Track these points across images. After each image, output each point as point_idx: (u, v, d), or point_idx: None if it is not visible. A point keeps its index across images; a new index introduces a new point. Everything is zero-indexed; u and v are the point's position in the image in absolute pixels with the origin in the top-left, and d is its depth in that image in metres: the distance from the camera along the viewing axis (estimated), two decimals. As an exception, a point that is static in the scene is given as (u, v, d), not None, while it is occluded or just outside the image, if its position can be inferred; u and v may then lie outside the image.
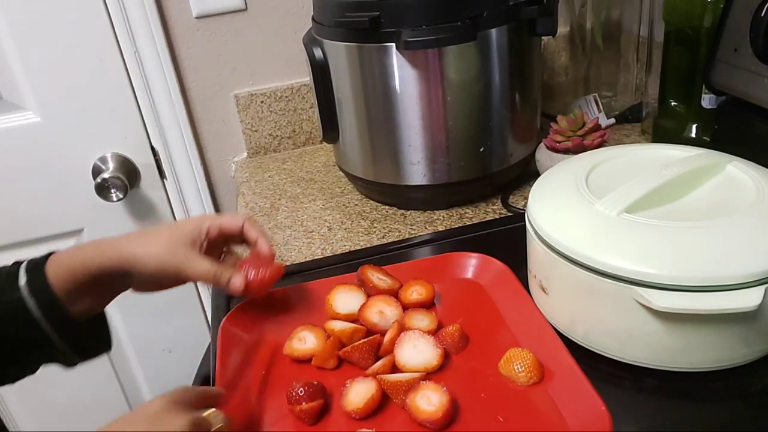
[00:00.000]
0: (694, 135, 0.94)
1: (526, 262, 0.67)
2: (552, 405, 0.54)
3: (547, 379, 0.57)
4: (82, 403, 1.27)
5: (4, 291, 0.57)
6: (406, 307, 0.66)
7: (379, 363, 0.59)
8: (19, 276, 0.57)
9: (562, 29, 1.12)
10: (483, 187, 0.92)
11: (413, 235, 0.86)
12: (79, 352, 0.62)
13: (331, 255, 0.84)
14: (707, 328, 0.53)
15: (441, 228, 0.87)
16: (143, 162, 1.14)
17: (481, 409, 0.55)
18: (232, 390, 0.58)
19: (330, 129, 0.93)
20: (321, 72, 0.88)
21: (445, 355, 0.60)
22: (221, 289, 0.64)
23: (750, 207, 0.57)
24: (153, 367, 1.32)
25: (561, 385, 0.55)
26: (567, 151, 0.87)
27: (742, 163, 0.64)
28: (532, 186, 0.68)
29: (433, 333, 0.62)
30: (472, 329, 0.63)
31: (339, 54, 0.85)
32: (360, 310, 0.65)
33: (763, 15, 0.71)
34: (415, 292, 0.68)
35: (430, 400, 0.53)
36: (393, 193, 0.93)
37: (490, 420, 0.54)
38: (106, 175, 1.08)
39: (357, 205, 0.97)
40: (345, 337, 0.62)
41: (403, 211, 0.93)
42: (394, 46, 0.79)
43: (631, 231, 0.56)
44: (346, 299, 0.67)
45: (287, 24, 1.12)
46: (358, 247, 0.85)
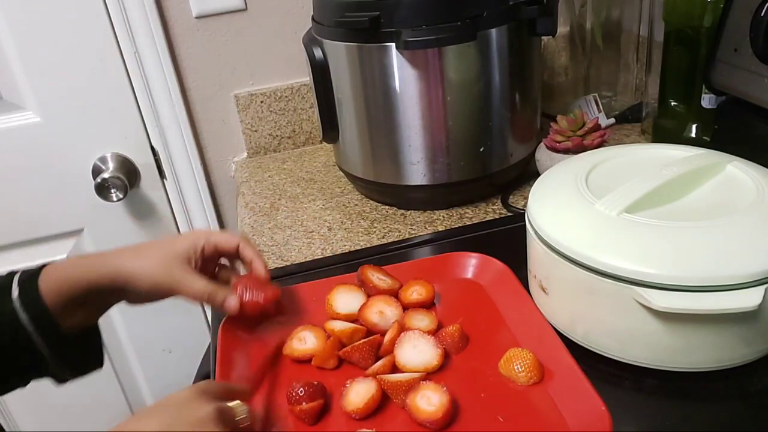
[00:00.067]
0: (694, 135, 0.94)
1: (526, 262, 0.67)
2: (552, 405, 0.54)
3: (547, 379, 0.57)
4: (82, 403, 1.27)
5: None
6: (406, 307, 0.66)
7: (379, 363, 0.59)
8: (12, 288, 0.57)
9: (562, 29, 1.12)
10: (483, 187, 0.92)
11: (413, 235, 0.86)
12: (70, 368, 0.62)
13: (331, 255, 0.84)
14: (707, 328, 0.53)
15: (441, 228, 0.87)
16: (143, 162, 1.14)
17: (481, 409, 0.55)
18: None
19: (330, 129, 0.93)
20: (321, 72, 0.88)
21: (445, 355, 0.60)
22: (216, 309, 0.64)
23: (750, 207, 0.57)
24: (153, 367, 1.32)
25: (561, 385, 0.55)
26: (567, 151, 0.87)
27: (742, 163, 0.64)
28: (532, 186, 0.68)
29: (433, 333, 0.62)
30: (472, 329, 0.63)
31: (339, 54, 0.85)
32: (360, 310, 0.65)
33: (763, 15, 0.71)
34: (415, 292, 0.68)
35: (430, 400, 0.53)
36: (393, 193, 0.93)
37: (490, 420, 0.54)
38: (106, 175, 1.08)
39: (357, 205, 0.97)
40: (345, 337, 0.62)
41: (403, 211, 0.93)
42: (394, 46, 0.79)
43: (631, 231, 0.56)
44: (346, 299, 0.67)
45: (287, 24, 1.12)
46: (358, 247, 0.85)
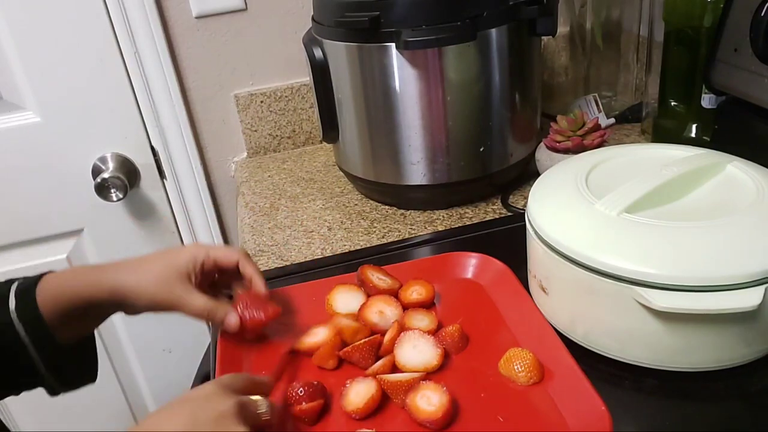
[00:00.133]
0: (694, 135, 0.94)
1: (526, 262, 0.67)
2: (552, 405, 0.54)
3: (547, 379, 0.57)
4: (82, 403, 1.27)
5: None
6: (406, 307, 0.66)
7: (379, 363, 0.59)
8: (9, 299, 0.57)
9: (562, 29, 1.12)
10: (483, 187, 0.92)
11: (413, 235, 0.86)
12: (62, 381, 0.62)
13: (331, 255, 0.84)
14: (707, 328, 0.53)
15: (441, 228, 0.87)
16: (143, 162, 1.14)
17: (481, 409, 0.55)
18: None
19: (330, 129, 0.93)
20: (321, 72, 0.88)
21: (445, 355, 0.60)
22: (215, 326, 0.64)
23: (750, 207, 0.57)
24: (153, 367, 1.32)
25: (561, 385, 0.55)
26: (567, 151, 0.87)
27: (742, 163, 0.64)
28: (532, 186, 0.68)
29: (433, 333, 0.62)
30: (472, 329, 0.63)
31: (339, 54, 0.85)
32: (360, 310, 0.65)
33: (763, 15, 0.71)
34: (415, 292, 0.68)
35: (430, 400, 0.53)
36: (393, 193, 0.93)
37: (490, 420, 0.54)
38: (106, 175, 1.08)
39: (357, 205, 0.97)
40: (349, 333, 0.62)
41: (403, 210, 0.93)
42: (393, 46, 0.79)
43: (631, 231, 0.56)
44: (346, 299, 0.67)
45: (287, 24, 1.12)
46: (358, 247, 0.85)
